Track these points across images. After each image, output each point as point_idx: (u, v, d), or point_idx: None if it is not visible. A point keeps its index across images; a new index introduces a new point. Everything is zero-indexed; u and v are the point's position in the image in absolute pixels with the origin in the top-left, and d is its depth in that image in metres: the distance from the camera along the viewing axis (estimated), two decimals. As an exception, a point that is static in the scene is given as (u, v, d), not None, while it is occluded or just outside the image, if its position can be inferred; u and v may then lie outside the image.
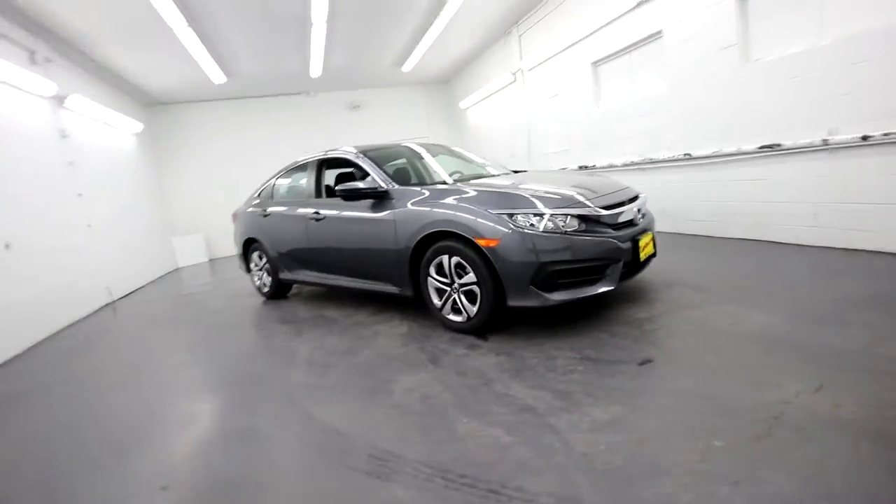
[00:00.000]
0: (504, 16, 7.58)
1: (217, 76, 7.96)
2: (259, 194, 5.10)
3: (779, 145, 4.04)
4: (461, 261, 2.91)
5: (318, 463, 1.86)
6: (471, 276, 2.88)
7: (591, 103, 6.50)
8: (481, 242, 2.76)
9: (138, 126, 8.37)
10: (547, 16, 7.06)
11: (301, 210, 4.24)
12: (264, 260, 4.90)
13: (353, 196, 3.53)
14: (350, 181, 4.64)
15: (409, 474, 1.69)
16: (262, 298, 5.17)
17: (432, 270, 3.12)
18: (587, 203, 2.84)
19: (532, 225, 2.70)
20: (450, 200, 3.08)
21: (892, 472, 1.37)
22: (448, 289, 3.07)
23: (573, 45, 6.57)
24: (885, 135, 3.29)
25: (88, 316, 5.56)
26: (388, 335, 3.29)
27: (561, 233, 2.68)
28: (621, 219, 2.92)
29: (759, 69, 4.19)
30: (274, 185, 4.91)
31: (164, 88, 8.67)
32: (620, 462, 1.59)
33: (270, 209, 4.70)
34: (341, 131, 10.76)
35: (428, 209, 3.12)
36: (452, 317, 3.10)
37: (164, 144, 9.76)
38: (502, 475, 1.61)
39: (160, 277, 8.33)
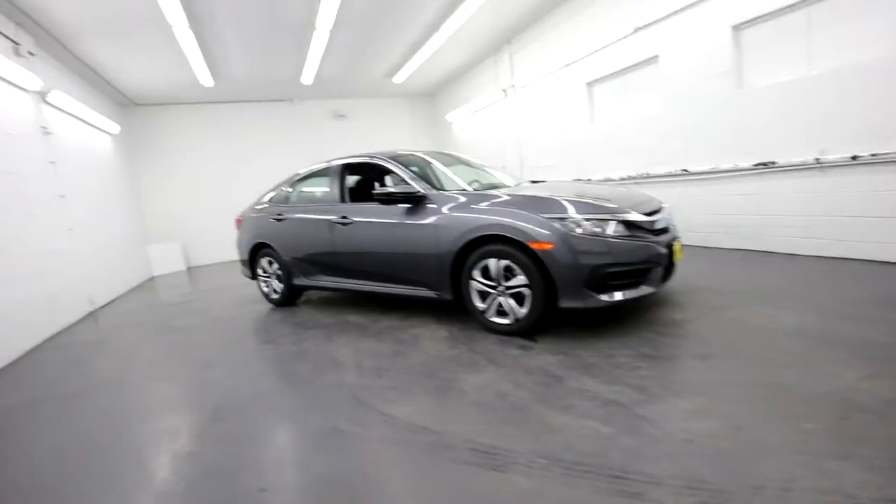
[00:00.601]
0: (498, 34, 7.85)
1: (206, 79, 7.72)
2: (270, 198, 4.98)
3: (773, 163, 4.42)
4: (510, 264, 2.99)
5: (421, 458, 1.85)
6: (521, 279, 2.95)
7: (586, 120, 6.83)
8: (535, 246, 2.85)
9: (115, 127, 7.95)
10: (540, 36, 7.37)
11: (325, 214, 4.18)
12: (275, 266, 4.76)
13: (391, 200, 3.54)
14: (367, 187, 4.63)
15: (523, 465, 1.72)
16: (270, 306, 5.01)
17: (476, 274, 3.17)
18: (630, 209, 3.01)
19: (583, 229, 2.82)
20: (491, 206, 3.16)
21: (971, 443, 1.56)
22: (493, 292, 3.12)
23: (568, 65, 6.90)
24: (873, 155, 3.69)
25: (72, 325, 5.17)
26: (430, 338, 3.29)
27: (611, 237, 2.82)
28: (658, 225, 3.10)
29: (753, 94, 4.59)
30: (289, 188, 4.81)
31: (143, 89, 8.30)
32: (727, 446, 1.70)
33: (286, 213, 4.59)
34: (326, 140, 10.66)
35: (473, 214, 3.18)
36: (497, 319, 3.15)
37: (139, 147, 9.29)
38: (618, 462, 1.68)
39: (137, 286, 7.85)
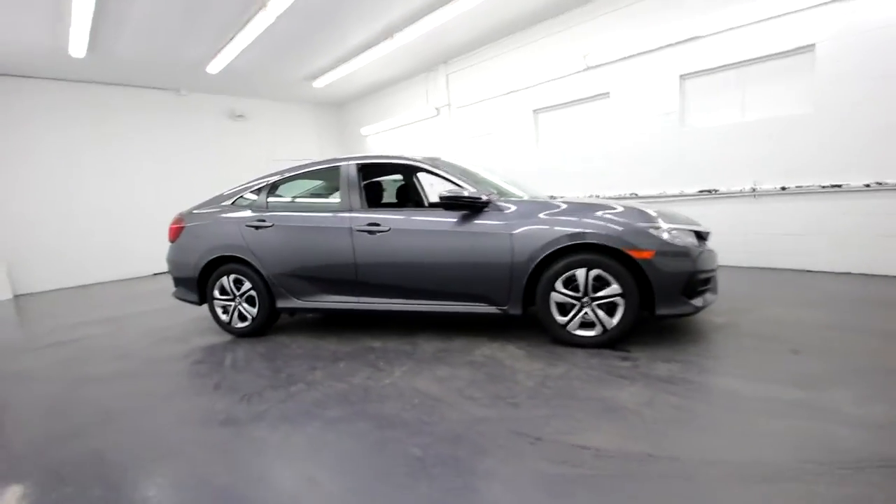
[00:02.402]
0: (435, 55, 7.85)
1: (78, 47, 5.91)
2: (234, 202, 3.97)
3: (716, 190, 5.31)
4: (601, 273, 2.91)
5: (700, 487, 1.62)
6: (613, 288, 2.90)
7: (531, 143, 7.23)
8: (636, 254, 2.84)
9: None
10: (483, 62, 7.63)
11: (340, 223, 3.50)
12: (248, 285, 3.78)
13: (455, 205, 3.16)
14: (379, 191, 4.14)
15: (788, 471, 1.64)
16: (227, 337, 3.94)
17: (559, 285, 3.01)
18: (693, 221, 3.24)
19: (673, 238, 2.92)
20: (565, 213, 3.06)
21: None
22: (577, 303, 3.00)
23: (513, 92, 7.26)
24: (798, 187, 4.72)
25: None
26: (513, 358, 2.96)
27: (693, 246, 2.98)
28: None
29: (695, 133, 5.47)
30: (270, 190, 3.89)
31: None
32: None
33: (272, 220, 3.71)
34: (219, 141, 9.20)
35: (547, 225, 3.02)
36: (581, 332, 3.02)
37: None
38: (864, 454, 1.71)
39: (-57, 324, 5.38)
